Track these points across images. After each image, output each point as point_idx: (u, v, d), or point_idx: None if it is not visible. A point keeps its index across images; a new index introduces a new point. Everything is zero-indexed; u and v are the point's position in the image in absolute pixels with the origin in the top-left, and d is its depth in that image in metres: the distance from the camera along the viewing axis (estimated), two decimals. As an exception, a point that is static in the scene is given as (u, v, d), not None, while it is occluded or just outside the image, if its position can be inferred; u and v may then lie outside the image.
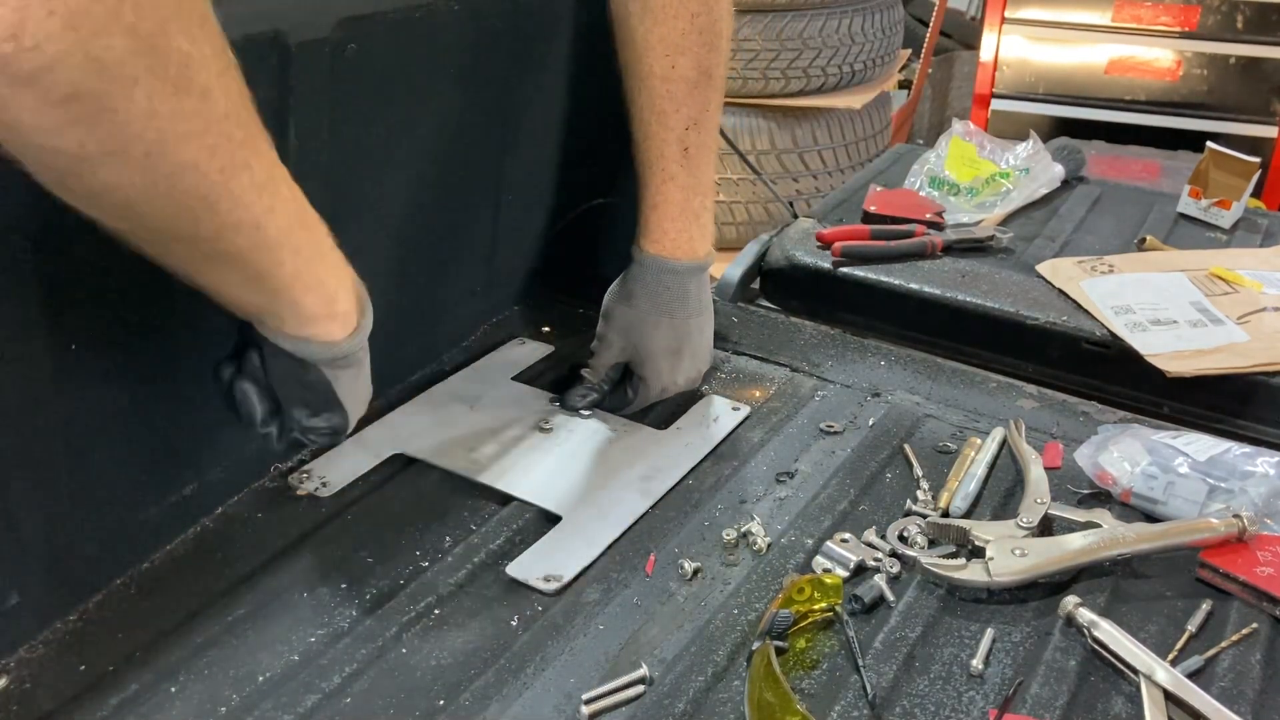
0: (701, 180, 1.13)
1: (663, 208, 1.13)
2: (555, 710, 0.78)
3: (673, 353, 1.15)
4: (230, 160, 0.70)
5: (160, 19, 0.62)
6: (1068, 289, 1.38)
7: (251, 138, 0.72)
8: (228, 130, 0.69)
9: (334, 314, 0.84)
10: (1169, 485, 0.99)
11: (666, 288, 1.13)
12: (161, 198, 0.69)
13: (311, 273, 0.81)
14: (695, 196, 1.13)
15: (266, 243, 0.76)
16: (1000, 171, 1.68)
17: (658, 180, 1.12)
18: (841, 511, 1.00)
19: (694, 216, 1.13)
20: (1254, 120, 3.05)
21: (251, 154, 0.73)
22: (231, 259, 0.76)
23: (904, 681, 0.82)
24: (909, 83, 3.77)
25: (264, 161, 0.74)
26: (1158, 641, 0.85)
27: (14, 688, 0.79)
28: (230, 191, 0.71)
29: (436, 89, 1.09)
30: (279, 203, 0.76)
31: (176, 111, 0.65)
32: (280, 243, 0.77)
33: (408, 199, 1.12)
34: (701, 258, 1.15)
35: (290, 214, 0.78)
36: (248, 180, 0.73)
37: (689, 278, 1.14)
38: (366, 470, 1.04)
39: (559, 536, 0.97)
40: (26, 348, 0.78)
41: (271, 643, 0.85)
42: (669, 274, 1.13)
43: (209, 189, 0.70)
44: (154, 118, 0.64)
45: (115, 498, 0.88)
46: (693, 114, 1.10)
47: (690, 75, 1.08)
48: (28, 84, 0.58)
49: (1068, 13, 3.19)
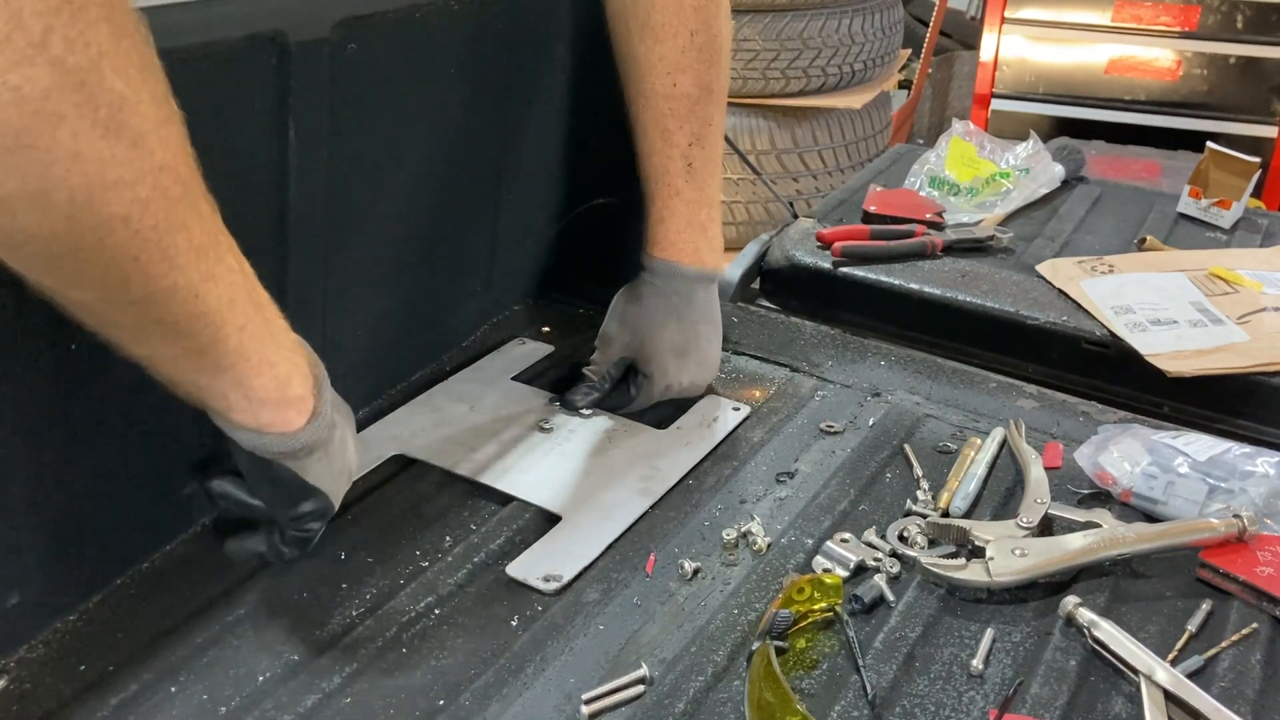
0: (706, 193, 1.14)
1: (669, 221, 1.13)
2: (555, 710, 0.78)
3: (679, 353, 1.15)
4: (165, 218, 0.64)
5: (92, 55, 0.57)
6: (1068, 289, 1.38)
7: (191, 195, 0.67)
8: (163, 184, 0.64)
9: (286, 399, 0.77)
10: (1169, 485, 0.99)
11: (675, 291, 1.14)
12: (87, 252, 0.63)
13: (259, 352, 0.75)
14: (701, 209, 1.13)
15: (205, 313, 0.70)
16: (1000, 171, 1.68)
17: (664, 195, 1.13)
18: (841, 511, 1.00)
19: (700, 229, 1.14)
20: (1254, 120, 3.04)
21: (190, 213, 0.67)
22: (167, 329, 0.70)
23: (904, 681, 0.82)
24: (909, 83, 3.77)
25: (205, 225, 0.69)
26: (1158, 641, 0.85)
27: (14, 688, 0.79)
28: (164, 252, 0.65)
29: (436, 89, 1.09)
30: (221, 270, 0.70)
31: (105, 157, 0.60)
32: (222, 316, 0.71)
33: (408, 199, 1.12)
34: (709, 267, 1.15)
35: (234, 284, 0.72)
36: (184, 242, 0.67)
37: (697, 284, 1.14)
38: (366, 470, 1.04)
39: (559, 536, 0.97)
40: (26, 348, 0.78)
41: (271, 643, 0.85)
42: (678, 278, 1.13)
43: (140, 247, 0.64)
44: (78, 159, 0.59)
45: (115, 498, 0.88)
46: (696, 130, 1.10)
47: (692, 92, 1.08)
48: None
49: (1068, 13, 3.19)
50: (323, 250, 1.00)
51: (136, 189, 0.62)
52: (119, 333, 0.71)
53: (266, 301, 0.76)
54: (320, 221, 0.98)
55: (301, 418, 0.78)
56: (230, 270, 0.71)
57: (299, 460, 0.80)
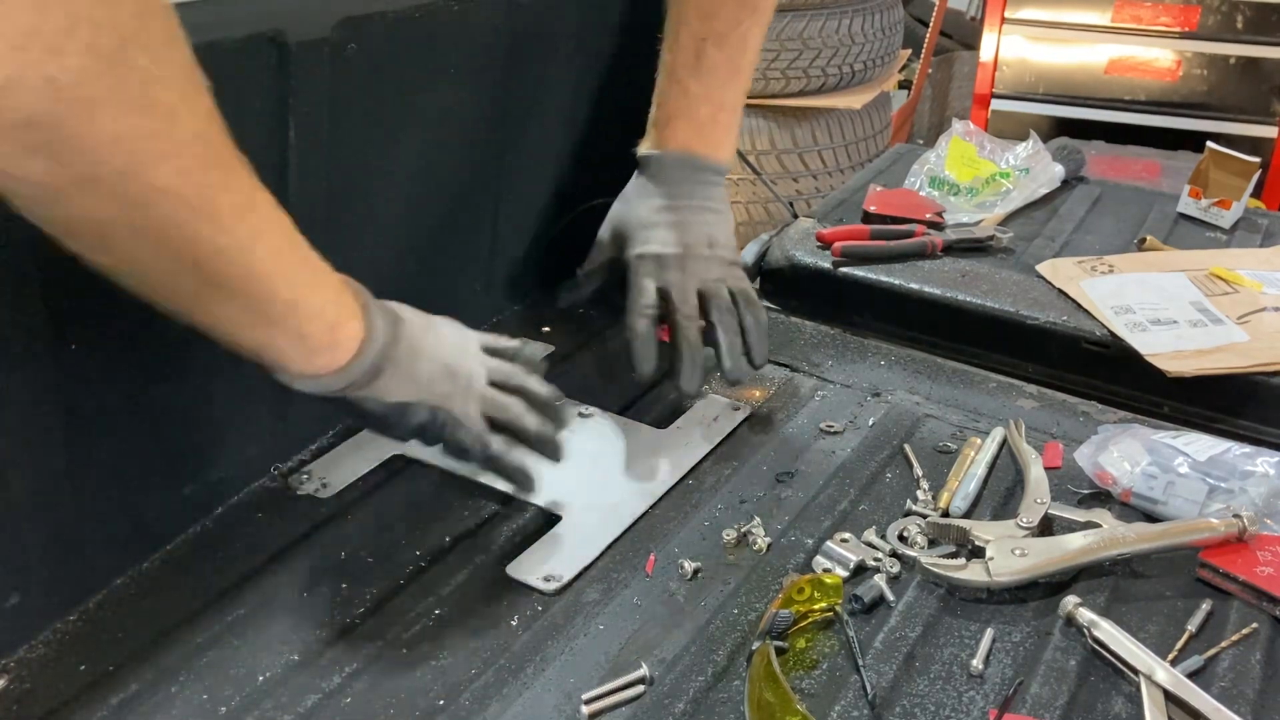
0: (715, 94, 1.09)
1: (663, 108, 1.10)
2: (555, 710, 0.78)
3: (666, 225, 1.08)
4: (206, 183, 0.67)
5: (121, 37, 0.59)
6: (1068, 289, 1.38)
7: (226, 158, 0.69)
8: (199, 152, 0.66)
9: (337, 341, 0.80)
10: (1169, 485, 0.99)
11: (652, 175, 1.09)
12: (139, 227, 0.66)
13: (308, 301, 0.78)
14: (702, 106, 1.09)
15: (254, 271, 0.73)
16: (1000, 171, 1.68)
17: (665, 84, 1.09)
18: (841, 511, 1.00)
19: (696, 124, 1.09)
20: (1254, 120, 3.05)
21: (228, 175, 0.69)
22: (222, 291, 0.73)
23: (904, 681, 0.82)
24: (909, 83, 3.77)
25: (243, 184, 0.71)
26: (1158, 641, 0.85)
27: (14, 688, 0.79)
28: (209, 216, 0.68)
29: (436, 89, 1.09)
30: (265, 226, 0.73)
31: (143, 134, 0.62)
32: (270, 271, 0.74)
33: (407, 199, 1.12)
34: (696, 151, 1.09)
35: (278, 239, 0.75)
36: (226, 204, 0.69)
37: (676, 169, 1.09)
38: (366, 470, 1.04)
39: (559, 536, 0.97)
40: (27, 348, 0.78)
41: (271, 643, 0.85)
42: (654, 162, 1.10)
43: (187, 215, 0.67)
44: (119, 141, 0.61)
45: (115, 498, 0.88)
46: (718, 28, 1.07)
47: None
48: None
49: (1068, 13, 3.19)
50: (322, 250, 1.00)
51: (176, 160, 0.65)
52: (178, 301, 0.73)
53: (308, 249, 0.78)
54: (320, 221, 0.98)
55: (349, 354, 0.81)
56: (272, 225, 0.74)
57: (366, 388, 0.83)
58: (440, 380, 0.88)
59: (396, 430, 0.88)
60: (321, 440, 1.07)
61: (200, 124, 0.66)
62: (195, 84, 0.65)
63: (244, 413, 0.98)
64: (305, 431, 1.07)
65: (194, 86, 0.65)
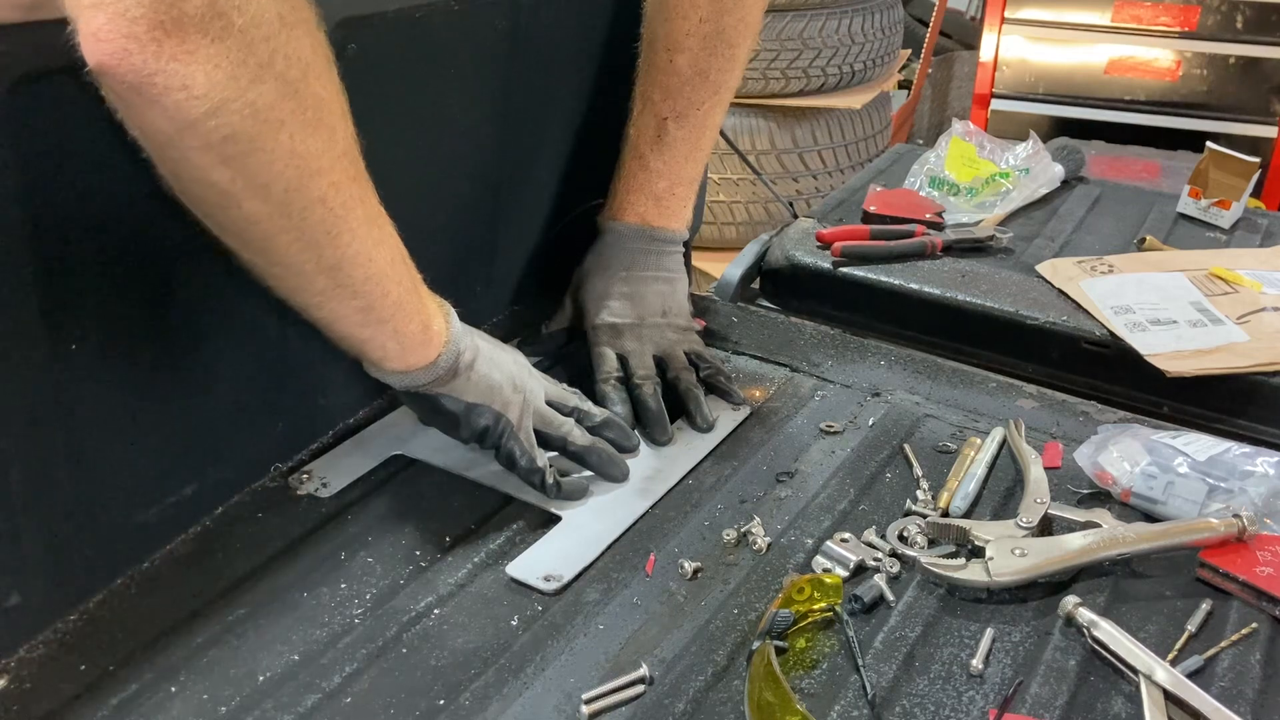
0: (674, 169, 1.17)
1: (624, 180, 1.18)
2: (555, 710, 0.79)
3: (617, 296, 1.16)
4: (349, 195, 0.77)
5: (303, 67, 0.70)
6: (1068, 289, 1.38)
7: (362, 174, 0.79)
8: (345, 167, 0.76)
9: (429, 340, 0.90)
10: (1169, 485, 0.99)
11: (608, 245, 1.18)
12: (293, 231, 0.75)
13: (410, 303, 0.87)
14: (661, 180, 1.16)
15: (374, 274, 0.83)
16: (1000, 171, 1.68)
17: (627, 158, 1.17)
18: (841, 511, 1.00)
19: (654, 197, 1.17)
20: (1254, 120, 3.05)
21: (363, 188, 0.80)
22: (345, 291, 0.82)
23: (904, 681, 0.82)
24: (909, 83, 3.77)
25: (371, 198, 0.81)
26: (1158, 641, 0.85)
27: (14, 688, 0.79)
28: (347, 223, 0.78)
29: (436, 89, 1.09)
30: (384, 235, 0.83)
31: (312, 151, 0.72)
32: (385, 274, 0.84)
33: (407, 199, 1.11)
34: (652, 223, 1.17)
35: (393, 247, 0.85)
36: (360, 213, 0.79)
37: (632, 239, 1.17)
38: (366, 470, 1.04)
39: (559, 536, 0.97)
40: (27, 348, 0.78)
41: (271, 643, 0.85)
42: (610, 233, 1.18)
43: (333, 222, 0.77)
44: (294, 156, 0.71)
45: (115, 498, 0.88)
46: (678, 107, 1.14)
47: (685, 72, 1.13)
48: (192, 127, 0.65)
49: (1067, 13, 3.19)
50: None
51: (331, 174, 0.75)
52: (307, 297, 0.83)
53: (409, 257, 0.88)
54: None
55: (437, 351, 0.91)
56: (389, 235, 0.85)
57: (449, 385, 0.93)
58: (507, 389, 0.96)
59: (463, 430, 0.96)
60: (321, 440, 1.07)
61: (349, 143, 0.76)
62: (345, 106, 0.75)
63: (244, 413, 0.98)
64: (305, 431, 1.07)
65: (344, 108, 0.75)
